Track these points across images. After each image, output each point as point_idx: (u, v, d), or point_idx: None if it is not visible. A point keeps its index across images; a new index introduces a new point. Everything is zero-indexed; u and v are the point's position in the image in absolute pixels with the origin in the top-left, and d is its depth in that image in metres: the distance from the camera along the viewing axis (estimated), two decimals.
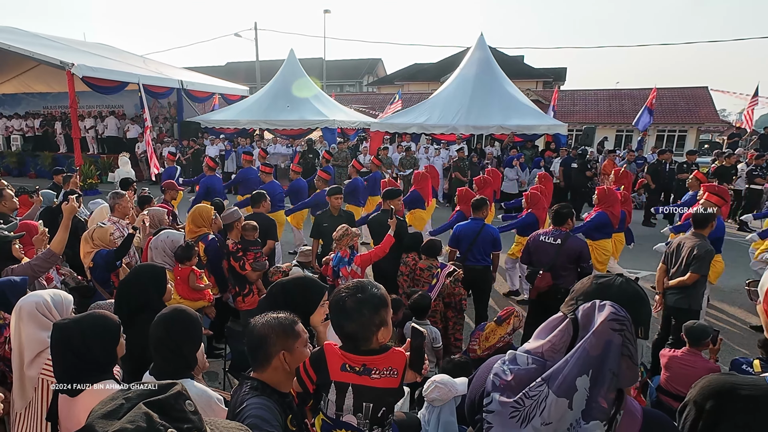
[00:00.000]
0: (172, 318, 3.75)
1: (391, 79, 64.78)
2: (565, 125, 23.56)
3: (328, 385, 3.39)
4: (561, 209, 8.44)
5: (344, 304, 3.33)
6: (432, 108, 24.96)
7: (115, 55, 31.21)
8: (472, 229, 9.22)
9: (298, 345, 3.28)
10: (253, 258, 8.05)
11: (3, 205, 8.58)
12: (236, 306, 8.25)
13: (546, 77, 55.36)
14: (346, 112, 31.57)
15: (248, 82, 44.90)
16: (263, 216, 9.60)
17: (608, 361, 2.12)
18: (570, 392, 2.13)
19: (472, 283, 9.08)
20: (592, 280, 2.49)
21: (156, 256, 7.29)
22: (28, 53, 23.85)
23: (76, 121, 24.46)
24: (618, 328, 2.15)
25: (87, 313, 3.87)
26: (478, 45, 26.14)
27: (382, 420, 3.40)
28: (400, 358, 3.41)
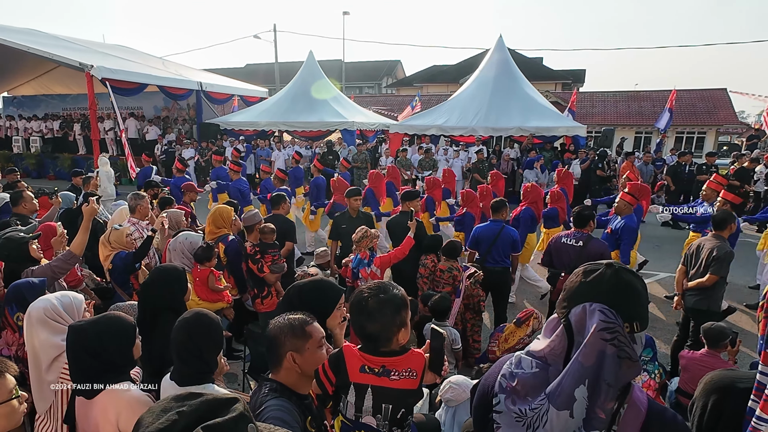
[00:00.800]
0: (194, 322, 3.72)
1: (410, 81, 64.66)
2: (584, 127, 23.51)
3: (347, 387, 3.39)
4: (582, 211, 8.50)
5: (366, 304, 3.33)
6: (451, 110, 24.98)
7: (135, 56, 31.27)
8: (492, 231, 9.21)
9: (309, 346, 3.24)
10: (271, 260, 8.02)
11: (23, 206, 8.62)
12: (255, 308, 8.23)
13: (565, 79, 55.23)
14: (365, 114, 31.53)
15: (267, 83, 44.96)
16: (282, 218, 9.58)
17: (603, 372, 2.09)
18: (570, 403, 2.11)
19: (492, 285, 9.04)
20: (579, 277, 2.36)
21: (174, 258, 7.31)
22: (48, 55, 23.81)
23: (96, 122, 24.49)
24: (609, 337, 2.11)
25: (103, 314, 3.89)
26: (498, 47, 26.11)
27: (402, 421, 3.40)
28: (419, 359, 3.40)
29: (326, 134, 27.52)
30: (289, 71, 38.45)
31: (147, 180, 12.21)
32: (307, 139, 28.45)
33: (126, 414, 3.40)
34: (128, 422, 3.39)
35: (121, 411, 3.43)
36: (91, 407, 3.49)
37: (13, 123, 33.49)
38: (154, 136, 29.23)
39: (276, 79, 45.40)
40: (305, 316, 3.35)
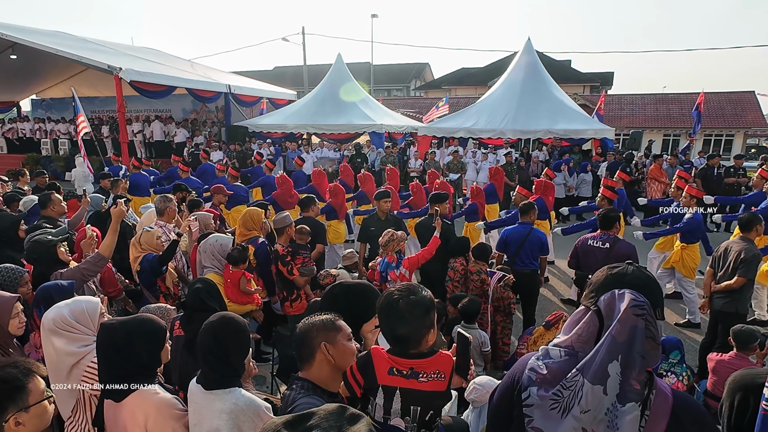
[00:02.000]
0: (220, 326, 3.73)
1: (438, 84, 64.70)
2: (612, 130, 23.49)
3: (375, 389, 3.39)
4: (608, 213, 8.49)
5: (397, 306, 3.34)
6: (479, 112, 25.04)
7: (163, 59, 31.36)
8: (520, 233, 9.22)
9: (340, 338, 3.24)
10: (302, 262, 8.01)
11: (51, 209, 8.67)
12: (284, 311, 8.24)
13: (593, 81, 55.20)
14: (394, 117, 31.44)
15: (296, 86, 45.06)
16: (312, 220, 9.63)
17: (635, 345, 2.25)
18: (604, 378, 2.26)
19: (520, 288, 9.03)
20: (606, 272, 2.59)
21: (205, 260, 7.34)
22: (76, 57, 23.91)
23: (124, 125, 24.55)
24: (640, 313, 2.29)
25: (134, 315, 3.91)
26: (526, 49, 26.14)
27: (430, 423, 3.40)
28: (447, 361, 3.41)
29: (354, 137, 27.56)
30: (317, 74, 38.51)
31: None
32: (336, 142, 28.42)
33: (154, 416, 3.42)
34: (156, 425, 3.43)
35: (150, 413, 3.44)
36: (120, 410, 3.50)
37: (42, 125, 33.58)
38: (183, 139, 29.21)
39: (304, 81, 45.49)
40: (333, 315, 3.35)
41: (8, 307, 4.31)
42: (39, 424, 2.91)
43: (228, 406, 3.46)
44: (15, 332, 4.33)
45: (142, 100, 29.77)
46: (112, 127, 31.01)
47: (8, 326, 4.27)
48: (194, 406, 3.59)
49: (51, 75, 33.79)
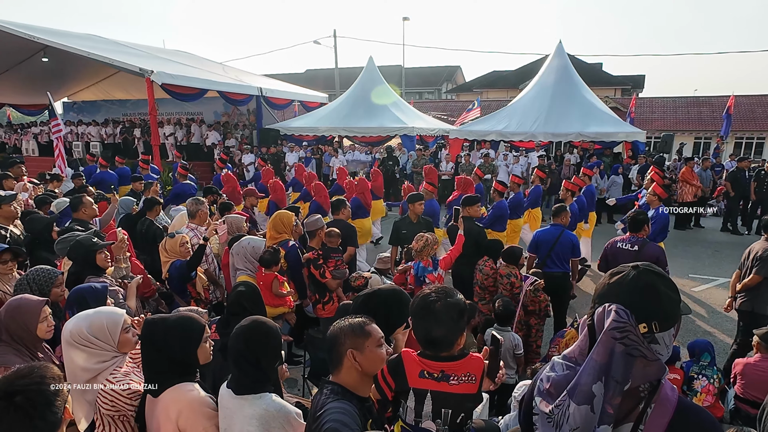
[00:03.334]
0: (252, 330, 3.71)
1: (469, 87, 64.51)
2: (643, 132, 23.35)
3: (406, 392, 3.40)
4: (637, 216, 8.54)
5: (434, 308, 3.34)
6: (511, 115, 24.98)
7: (195, 62, 31.46)
8: (552, 235, 9.25)
9: (369, 344, 3.23)
10: (334, 265, 8.07)
11: (83, 212, 8.71)
12: (316, 314, 8.25)
13: (624, 84, 54.91)
14: (425, 120, 31.48)
15: (327, 89, 45.04)
16: (343, 223, 9.61)
17: (611, 370, 2.19)
18: (589, 399, 2.21)
19: (551, 290, 8.91)
20: (607, 279, 2.48)
21: (237, 262, 7.38)
22: (108, 60, 23.97)
23: (156, 128, 24.61)
24: (619, 336, 2.20)
25: (177, 312, 4.01)
26: (557, 52, 26.10)
27: (461, 426, 3.40)
28: (478, 364, 3.41)
29: (386, 139, 27.51)
30: (349, 77, 38.48)
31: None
32: (367, 145, 28.39)
33: (186, 413, 3.46)
34: (188, 421, 3.47)
35: (182, 409, 3.48)
36: (156, 405, 3.55)
37: (73, 128, 33.71)
38: (215, 142, 29.30)
39: (336, 84, 45.53)
40: (365, 317, 3.35)
41: (37, 311, 4.33)
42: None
43: (258, 412, 3.46)
44: (43, 336, 4.35)
45: (174, 103, 29.90)
46: (144, 129, 31.04)
47: (37, 330, 4.29)
48: (224, 410, 3.60)
49: (83, 78, 33.97)
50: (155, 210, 9.82)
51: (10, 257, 6.08)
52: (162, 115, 30.55)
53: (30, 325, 4.25)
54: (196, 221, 8.54)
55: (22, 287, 5.21)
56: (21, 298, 4.45)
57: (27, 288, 5.19)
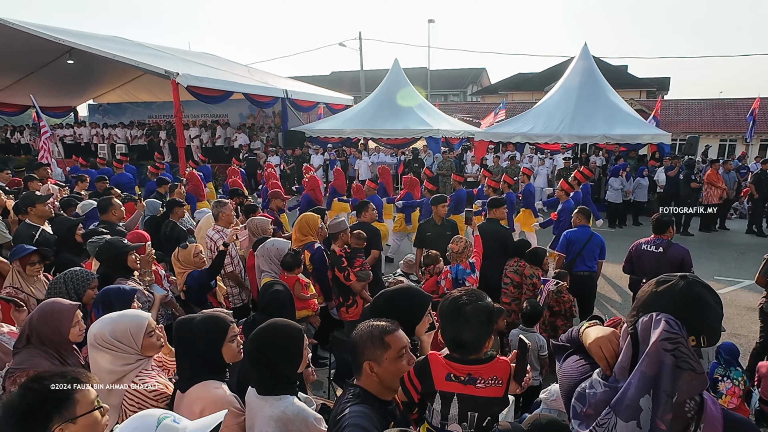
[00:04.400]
0: (265, 334, 3.70)
1: (495, 89, 64.40)
2: (668, 135, 23.32)
3: (433, 395, 3.41)
4: (662, 217, 8.55)
5: (464, 310, 3.35)
6: (536, 117, 24.90)
7: (220, 64, 31.56)
8: (582, 236, 9.31)
9: (387, 356, 3.19)
10: (360, 265, 8.05)
11: (112, 214, 8.74)
12: (340, 316, 8.24)
13: (650, 87, 54.67)
14: (450, 122, 31.41)
15: (353, 91, 45.09)
16: (368, 225, 9.58)
17: (661, 383, 2.11)
18: (636, 414, 2.14)
19: (578, 290, 9.05)
20: (652, 287, 2.40)
21: (262, 264, 7.35)
22: (133, 62, 24.04)
23: (181, 130, 24.63)
24: (670, 348, 2.13)
25: (208, 310, 4.06)
26: (582, 55, 26.03)
27: (487, 429, 3.39)
28: (504, 367, 3.42)
29: (411, 142, 27.54)
30: (374, 79, 38.47)
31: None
32: (393, 147, 28.48)
33: (210, 410, 3.37)
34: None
35: (207, 406, 3.49)
36: (182, 399, 3.61)
37: (99, 130, 33.85)
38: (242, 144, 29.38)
39: (361, 86, 45.68)
40: (388, 323, 3.32)
41: (70, 315, 4.32)
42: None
43: (276, 414, 3.47)
44: (75, 339, 4.35)
45: (199, 105, 30.09)
46: (170, 132, 31.08)
47: (69, 334, 4.28)
48: (249, 409, 3.63)
49: (108, 80, 34.12)
50: (178, 212, 9.80)
51: (38, 259, 6.12)
52: (187, 117, 30.70)
53: (63, 329, 4.25)
54: (221, 223, 8.50)
55: (58, 288, 5.24)
56: (54, 302, 4.44)
57: (63, 288, 5.22)
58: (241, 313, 7.78)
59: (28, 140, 35.71)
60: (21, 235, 7.71)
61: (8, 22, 23.00)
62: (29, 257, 6.05)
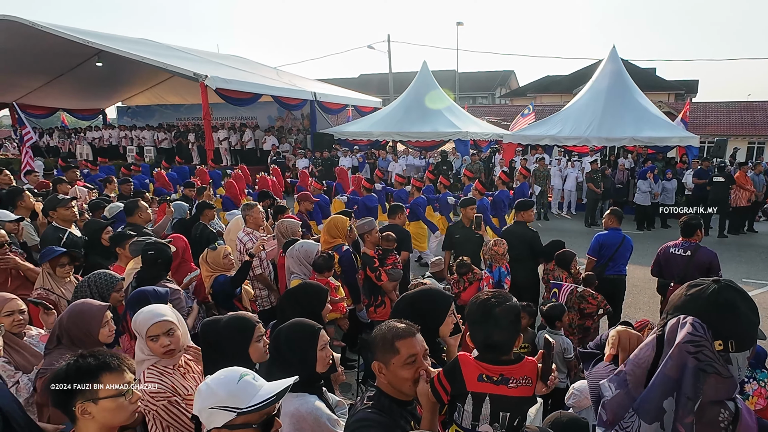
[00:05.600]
0: (282, 332, 3.78)
1: (523, 91, 64.47)
2: (697, 137, 23.36)
3: (464, 396, 3.34)
4: (690, 220, 8.52)
5: (494, 312, 3.31)
6: (564, 120, 25.10)
7: (249, 67, 31.72)
8: (615, 239, 9.30)
9: (395, 362, 3.19)
10: (392, 263, 8.12)
11: (138, 216, 8.76)
12: (369, 317, 8.26)
13: (678, 89, 54.62)
14: (479, 124, 31.44)
15: (381, 93, 45.32)
16: (399, 227, 9.61)
17: (684, 386, 2.11)
18: (659, 415, 2.15)
19: (608, 293, 8.91)
20: (683, 290, 2.42)
21: (292, 265, 7.36)
22: (162, 65, 24.20)
23: (210, 132, 24.80)
24: (693, 350, 2.11)
25: (232, 313, 4.14)
26: (611, 57, 26.13)
27: (517, 430, 3.37)
28: (533, 367, 3.38)
29: (440, 144, 27.66)
30: (403, 81, 38.52)
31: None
32: (421, 149, 28.51)
33: None
34: None
35: None
36: None
37: (127, 133, 33.93)
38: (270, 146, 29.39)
39: (390, 89, 45.73)
40: (406, 327, 3.30)
41: (99, 316, 4.36)
42: (111, 419, 2.95)
43: (290, 410, 3.53)
44: (105, 340, 4.36)
45: (228, 107, 30.25)
46: (198, 134, 31.16)
47: (98, 335, 4.31)
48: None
49: (136, 82, 34.39)
50: (208, 214, 9.82)
51: (67, 261, 6.13)
52: (216, 120, 30.76)
53: (92, 329, 4.28)
54: (250, 225, 8.50)
55: (83, 291, 5.26)
56: (83, 303, 4.48)
57: (87, 292, 5.23)
58: (269, 315, 7.73)
59: (56, 143, 35.84)
60: (48, 238, 7.71)
61: (37, 24, 23.21)
62: (59, 259, 6.06)
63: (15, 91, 33.36)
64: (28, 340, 4.71)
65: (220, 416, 2.67)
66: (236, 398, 2.68)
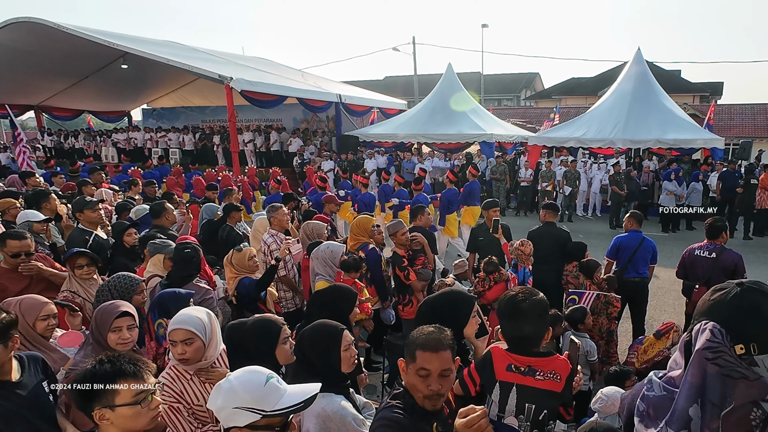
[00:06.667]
0: (306, 333, 3.85)
1: (548, 93, 64.33)
2: (722, 139, 23.42)
3: (492, 385, 3.49)
4: (715, 222, 8.50)
5: (522, 306, 3.47)
6: (589, 122, 25.23)
7: (274, 69, 31.69)
8: (634, 241, 9.28)
9: (410, 367, 3.19)
10: (422, 263, 8.14)
11: (165, 218, 8.83)
12: (398, 314, 8.34)
13: (703, 91, 54.42)
14: (504, 126, 31.38)
15: (406, 95, 45.31)
16: (422, 229, 9.51)
17: (707, 391, 2.11)
18: (687, 423, 2.14)
19: (629, 296, 9.07)
20: (709, 295, 2.35)
21: (317, 267, 7.38)
22: (187, 67, 24.21)
23: (235, 134, 24.79)
24: (711, 357, 2.11)
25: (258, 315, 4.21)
26: (636, 59, 26.22)
27: (543, 424, 3.46)
28: (564, 365, 3.48)
29: (465, 146, 27.68)
30: (428, 83, 38.60)
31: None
32: (446, 151, 28.55)
33: None
34: None
35: None
36: None
37: (153, 135, 33.92)
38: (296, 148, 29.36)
39: (415, 91, 45.69)
40: (435, 341, 3.20)
41: (108, 320, 4.28)
42: (130, 425, 2.98)
43: (317, 410, 3.55)
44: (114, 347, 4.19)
45: (253, 109, 30.44)
46: (223, 136, 31.15)
47: (108, 340, 4.26)
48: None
49: (161, 84, 34.47)
50: (235, 216, 9.87)
51: (86, 262, 6.07)
52: (241, 122, 30.76)
53: (103, 333, 4.25)
54: (275, 227, 8.51)
55: (104, 294, 5.22)
56: (105, 305, 4.46)
57: (108, 295, 5.19)
58: (294, 317, 7.73)
59: (82, 144, 35.98)
60: (74, 240, 7.75)
61: (62, 26, 23.35)
62: (75, 259, 6.02)
63: (40, 94, 33.71)
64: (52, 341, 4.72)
65: (244, 416, 2.69)
66: (262, 400, 2.70)
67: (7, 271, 6.04)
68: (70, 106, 36.62)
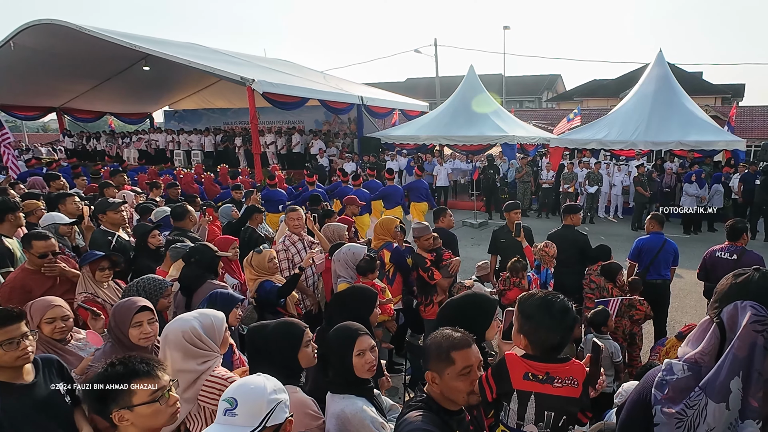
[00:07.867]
0: (329, 335, 3.90)
1: (570, 95, 64.25)
2: (743, 141, 23.32)
3: (510, 394, 3.40)
4: (736, 224, 8.49)
5: (553, 309, 3.37)
6: (611, 123, 25.06)
7: (296, 71, 31.75)
8: (655, 243, 9.27)
9: (449, 372, 3.13)
10: (448, 258, 8.16)
11: (189, 220, 8.87)
12: (421, 314, 8.32)
13: (725, 93, 54.25)
14: (526, 128, 31.22)
15: (428, 97, 45.38)
16: (445, 231, 9.56)
17: (754, 362, 2.27)
18: (726, 395, 2.28)
19: (651, 298, 8.89)
20: (730, 280, 2.55)
21: (339, 269, 7.39)
22: (209, 69, 24.21)
23: (257, 136, 24.73)
24: (760, 329, 2.28)
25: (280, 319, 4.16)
26: (657, 61, 26.08)
27: (563, 430, 3.41)
28: (580, 369, 3.42)
29: (487, 148, 27.48)
30: (449, 85, 38.48)
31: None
32: (468, 153, 28.47)
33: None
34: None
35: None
36: None
37: (174, 137, 34.05)
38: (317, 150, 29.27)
39: (436, 93, 45.83)
40: (462, 337, 3.25)
41: (129, 315, 4.29)
42: (151, 423, 3.00)
43: (337, 411, 3.61)
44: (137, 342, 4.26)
45: (275, 111, 30.47)
46: (245, 138, 31.23)
47: (129, 335, 4.27)
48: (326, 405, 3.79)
49: (183, 86, 34.63)
50: (256, 218, 9.92)
51: (108, 265, 6.08)
52: (263, 124, 30.81)
53: (124, 329, 4.26)
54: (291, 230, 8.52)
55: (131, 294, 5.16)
56: (123, 301, 4.51)
57: (136, 295, 5.10)
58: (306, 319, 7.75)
59: (104, 146, 36.01)
60: (97, 242, 7.76)
61: (84, 29, 23.42)
62: (99, 262, 6.02)
63: (62, 95, 33.98)
64: (75, 344, 4.72)
65: (283, 413, 2.85)
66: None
67: (31, 273, 6.04)
68: (92, 108, 36.88)
